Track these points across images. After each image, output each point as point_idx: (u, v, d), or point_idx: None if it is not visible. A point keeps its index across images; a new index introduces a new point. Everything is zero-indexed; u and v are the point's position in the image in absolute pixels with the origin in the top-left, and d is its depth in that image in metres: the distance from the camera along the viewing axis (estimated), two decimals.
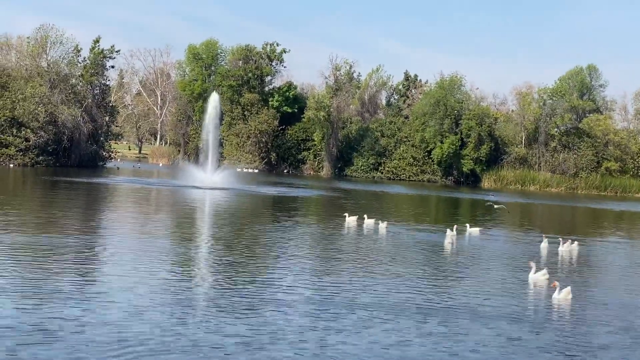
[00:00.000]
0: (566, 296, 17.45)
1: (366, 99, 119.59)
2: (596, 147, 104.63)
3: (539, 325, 15.26)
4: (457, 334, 13.92)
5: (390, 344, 12.90)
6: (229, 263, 20.45)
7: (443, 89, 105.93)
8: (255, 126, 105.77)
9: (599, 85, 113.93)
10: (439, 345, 13.03)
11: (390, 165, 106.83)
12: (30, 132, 71.04)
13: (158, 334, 12.47)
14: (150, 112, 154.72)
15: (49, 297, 14.47)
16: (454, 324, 14.72)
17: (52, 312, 13.33)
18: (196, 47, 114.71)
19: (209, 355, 11.56)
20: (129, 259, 19.73)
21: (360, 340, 13.05)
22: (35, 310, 13.39)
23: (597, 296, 19.02)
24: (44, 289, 15.18)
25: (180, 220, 32.30)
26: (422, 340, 13.26)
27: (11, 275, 16.47)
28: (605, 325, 15.63)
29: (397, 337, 13.37)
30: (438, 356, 12.40)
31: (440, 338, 13.51)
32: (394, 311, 15.47)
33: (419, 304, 16.39)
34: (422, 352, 12.58)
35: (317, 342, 12.70)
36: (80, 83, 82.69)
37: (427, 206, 57.87)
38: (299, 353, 12.03)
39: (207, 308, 14.81)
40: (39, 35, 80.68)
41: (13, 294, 14.58)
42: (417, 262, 23.24)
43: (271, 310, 14.83)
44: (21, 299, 14.21)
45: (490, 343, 13.42)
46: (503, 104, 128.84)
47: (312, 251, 24.51)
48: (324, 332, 13.41)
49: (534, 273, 20.31)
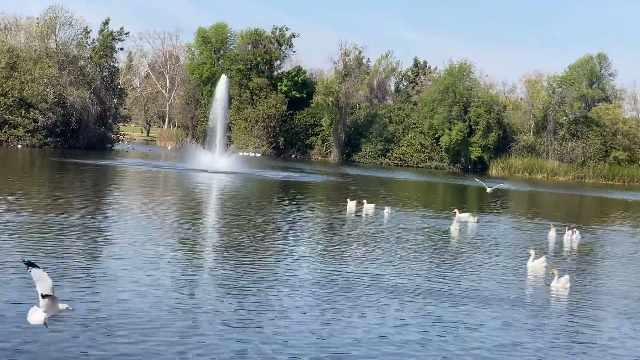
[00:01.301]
0: (564, 284, 17.47)
1: (375, 85, 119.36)
2: (605, 136, 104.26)
3: (534, 309, 15.37)
4: (453, 316, 14.11)
5: (391, 325, 13.08)
6: (234, 245, 20.59)
7: (452, 76, 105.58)
8: (264, 111, 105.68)
9: (609, 74, 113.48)
10: (437, 327, 13.17)
11: (398, 152, 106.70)
12: (39, 113, 71.10)
13: (164, 313, 12.62)
14: (158, 95, 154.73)
15: (58, 277, 14.62)
16: (450, 307, 14.94)
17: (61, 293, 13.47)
18: (205, 31, 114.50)
19: (209, 332, 11.71)
20: (135, 240, 19.90)
21: (360, 321, 13.25)
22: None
23: (596, 285, 19.07)
24: (54, 269, 15.34)
25: (187, 204, 32.45)
26: (421, 322, 13.40)
27: (19, 254, 16.61)
28: (602, 311, 15.74)
29: (396, 319, 13.56)
30: (437, 339, 12.54)
31: (436, 320, 13.68)
32: (394, 293, 15.67)
33: (418, 287, 16.54)
34: (423, 334, 12.72)
35: (319, 322, 12.85)
36: (89, 65, 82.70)
37: (435, 193, 57.89)
38: (301, 331, 12.19)
39: (212, 287, 15.00)
40: (48, 17, 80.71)
41: (18, 275, 14.73)
42: (419, 247, 23.34)
43: (274, 290, 15.03)
44: (26, 279, 14.34)
45: (487, 325, 13.59)
46: (512, 91, 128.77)
47: (314, 235, 24.65)
48: (326, 312, 13.57)
49: (533, 261, 20.34)
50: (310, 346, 11.63)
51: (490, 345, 12.47)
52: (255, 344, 11.47)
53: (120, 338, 11.15)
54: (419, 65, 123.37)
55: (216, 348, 11.11)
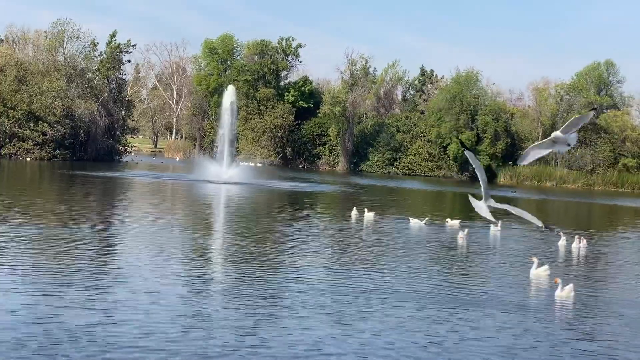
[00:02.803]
0: (568, 293, 17.36)
1: (382, 94, 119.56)
2: (613, 144, 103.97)
3: (536, 316, 15.34)
4: (456, 322, 14.15)
5: (394, 330, 13.12)
6: (242, 254, 20.63)
7: (459, 84, 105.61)
8: (271, 121, 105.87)
9: (617, 80, 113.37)
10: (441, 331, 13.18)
11: (406, 161, 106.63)
12: (47, 126, 71.45)
13: (176, 321, 12.66)
14: (166, 107, 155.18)
15: (67, 286, 14.69)
16: (453, 312, 15.08)
17: (72, 301, 13.55)
18: (212, 42, 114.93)
19: (217, 341, 11.74)
20: (143, 251, 20.01)
21: (366, 325, 13.37)
22: (53, 299, 13.61)
23: (601, 293, 18.93)
24: (62, 279, 15.40)
25: (194, 215, 32.52)
26: (419, 325, 13.41)
27: (31, 265, 16.68)
28: (604, 320, 15.70)
29: (399, 324, 13.60)
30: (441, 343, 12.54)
31: (440, 325, 13.71)
32: (399, 299, 15.77)
33: (424, 293, 16.55)
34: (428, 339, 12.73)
35: (324, 331, 12.88)
36: (96, 77, 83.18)
37: (443, 201, 57.81)
38: (304, 333, 12.22)
39: (220, 294, 15.09)
40: (56, 30, 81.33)
41: (32, 284, 14.81)
42: (424, 255, 23.32)
43: (282, 298, 15.09)
44: (39, 287, 14.43)
45: (489, 329, 13.70)
46: (519, 99, 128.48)
47: (320, 244, 24.66)
48: (332, 318, 13.58)
49: (536, 268, 20.25)
50: (315, 353, 11.64)
51: (491, 351, 12.49)
52: (263, 354, 11.47)
53: (129, 347, 11.20)
54: (425, 74, 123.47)
55: (223, 357, 11.13)
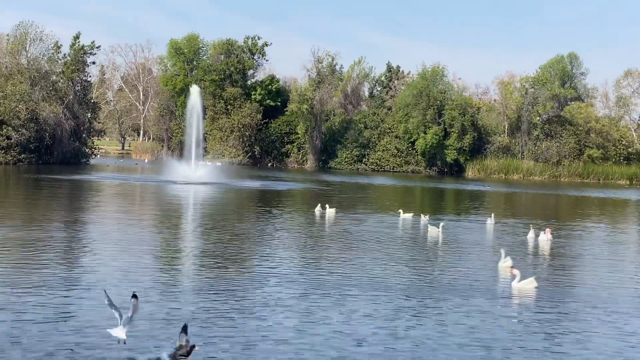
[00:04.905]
0: (526, 285, 17.42)
1: (349, 91, 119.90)
2: (578, 135, 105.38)
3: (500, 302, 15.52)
4: (427, 310, 14.27)
5: (369, 317, 13.20)
6: (210, 252, 20.60)
7: (425, 80, 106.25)
8: (239, 120, 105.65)
9: (580, 73, 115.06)
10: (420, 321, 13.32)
11: (374, 157, 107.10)
12: (12, 130, 70.61)
13: (146, 320, 12.61)
14: (132, 108, 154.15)
15: (36, 288, 14.57)
16: (420, 302, 15.26)
17: (41, 302, 13.44)
18: (177, 42, 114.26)
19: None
20: (111, 251, 19.86)
21: (342, 317, 13.49)
22: (23, 301, 13.50)
23: (563, 283, 19.06)
24: (32, 280, 15.27)
25: (162, 215, 32.36)
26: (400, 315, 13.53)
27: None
28: (565, 308, 15.93)
29: (375, 312, 13.70)
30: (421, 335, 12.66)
31: (415, 315, 13.84)
32: (375, 291, 15.85)
33: (396, 284, 16.68)
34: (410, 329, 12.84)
35: (300, 319, 12.92)
36: (61, 80, 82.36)
37: (413, 196, 58.10)
38: (280, 330, 12.25)
39: (191, 293, 15.05)
40: (18, 32, 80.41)
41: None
42: (396, 248, 23.48)
43: (254, 293, 15.13)
44: (2, 291, 14.30)
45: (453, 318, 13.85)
46: (485, 93, 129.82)
47: (289, 240, 24.72)
48: (306, 311, 13.64)
49: (504, 261, 20.40)
50: (290, 346, 11.68)
51: (458, 341, 12.65)
52: (237, 349, 11.49)
53: (97, 348, 11.15)
54: (392, 70, 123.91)
55: (195, 354, 11.11)
